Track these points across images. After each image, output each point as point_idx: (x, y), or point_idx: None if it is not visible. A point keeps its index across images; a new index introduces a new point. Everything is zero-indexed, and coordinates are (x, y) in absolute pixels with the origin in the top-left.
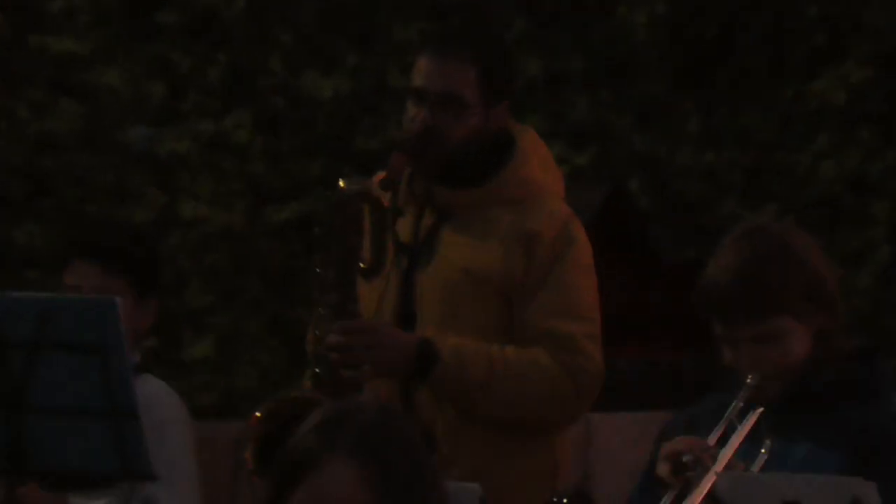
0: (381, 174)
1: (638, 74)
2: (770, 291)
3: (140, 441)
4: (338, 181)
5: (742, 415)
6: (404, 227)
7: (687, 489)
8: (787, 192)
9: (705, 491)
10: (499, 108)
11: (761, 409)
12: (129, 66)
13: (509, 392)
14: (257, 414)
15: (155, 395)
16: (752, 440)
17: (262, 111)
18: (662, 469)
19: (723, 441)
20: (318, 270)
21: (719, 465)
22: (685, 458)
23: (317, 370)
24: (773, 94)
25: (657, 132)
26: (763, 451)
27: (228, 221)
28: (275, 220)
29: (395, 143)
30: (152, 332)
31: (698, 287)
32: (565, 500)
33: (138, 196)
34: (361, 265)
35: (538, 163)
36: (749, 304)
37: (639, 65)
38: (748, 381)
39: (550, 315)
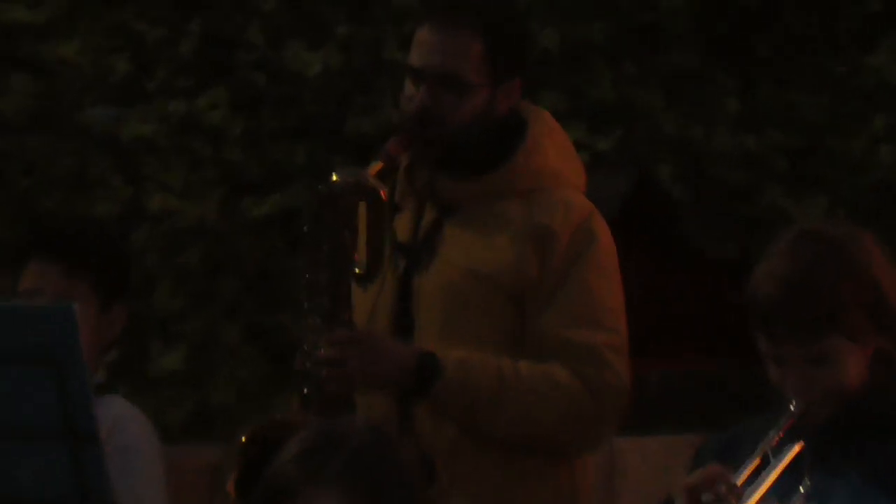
0: (376, 164)
1: (669, 44)
2: (823, 307)
3: (100, 467)
4: (329, 171)
5: (781, 446)
6: (402, 224)
7: None
8: (838, 180)
9: None
10: (509, 87)
11: (801, 445)
12: (89, 38)
13: (521, 411)
14: (242, 438)
15: (120, 417)
16: (792, 472)
17: (240, 89)
18: None
19: (756, 474)
20: (306, 274)
21: None
22: (704, 498)
23: (304, 389)
24: (824, 68)
25: (690, 111)
26: (801, 489)
27: (201, 215)
28: (254, 213)
29: (393, 126)
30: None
31: (746, 296)
32: None
33: (99, 186)
34: (356, 269)
35: (553, 149)
36: (798, 320)
37: (670, 33)
38: (791, 408)
39: (568, 323)
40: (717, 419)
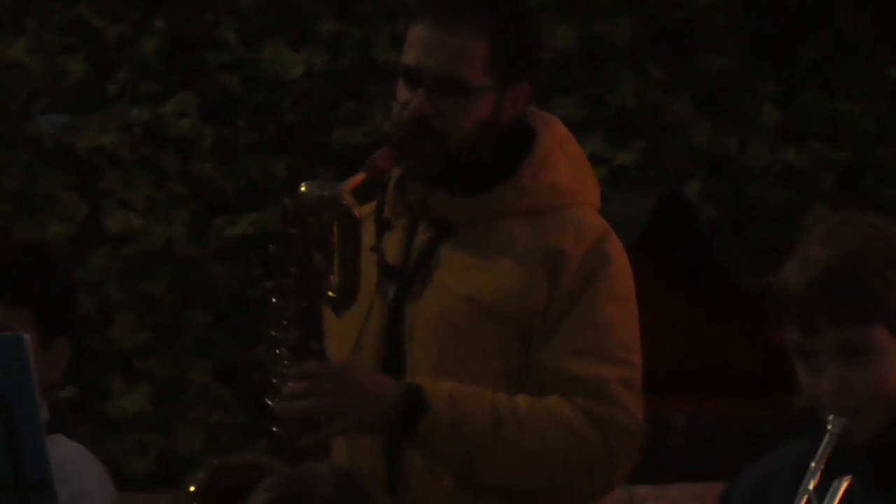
0: (358, 176)
1: (700, 46)
2: (867, 291)
3: None
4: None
5: (825, 485)
6: (392, 244)
7: None
8: (891, 197)
9: None
10: (516, 92)
11: (849, 480)
12: (41, 36)
13: (521, 453)
14: (191, 487)
15: (69, 460)
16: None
17: (211, 94)
18: None
19: None
20: (273, 300)
21: None
22: None
23: (273, 428)
24: (876, 73)
25: (724, 121)
26: None
27: (168, 237)
28: (227, 235)
29: (385, 136)
30: (70, 380)
31: (772, 285)
32: None
33: (51, 203)
34: (329, 293)
35: (565, 162)
36: (834, 303)
37: (702, 34)
38: (829, 427)
39: (574, 354)
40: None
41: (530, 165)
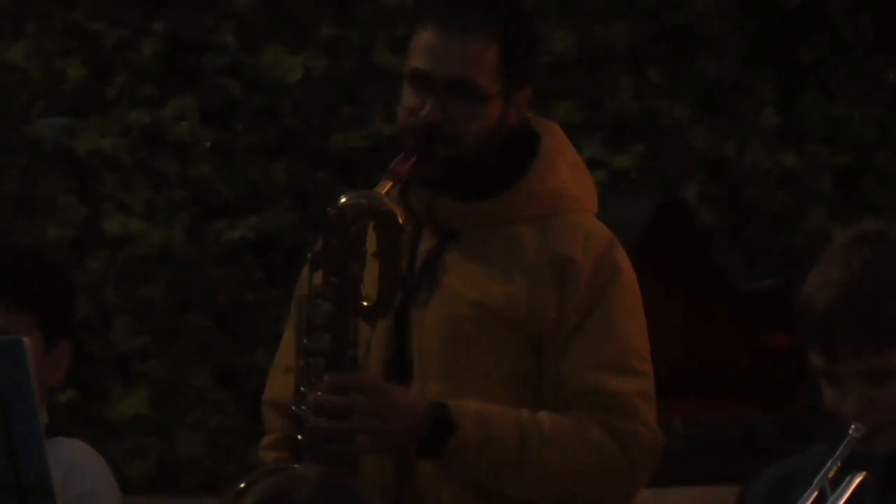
0: (385, 184)
1: (699, 49)
2: (886, 316)
3: None
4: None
5: (840, 478)
6: None
7: None
8: (890, 202)
9: None
10: (520, 97)
11: (864, 474)
12: (40, 40)
13: (546, 471)
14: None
15: (74, 461)
16: None
17: (210, 98)
18: None
19: None
20: (308, 308)
21: None
22: None
23: (298, 437)
24: (875, 76)
25: (723, 125)
26: None
27: (167, 240)
28: (226, 238)
29: (390, 141)
30: (70, 383)
31: (796, 307)
32: None
33: (50, 206)
34: (364, 303)
35: (567, 168)
36: (858, 331)
37: (700, 37)
38: (850, 432)
39: (595, 368)
40: (747, 472)
41: (536, 170)
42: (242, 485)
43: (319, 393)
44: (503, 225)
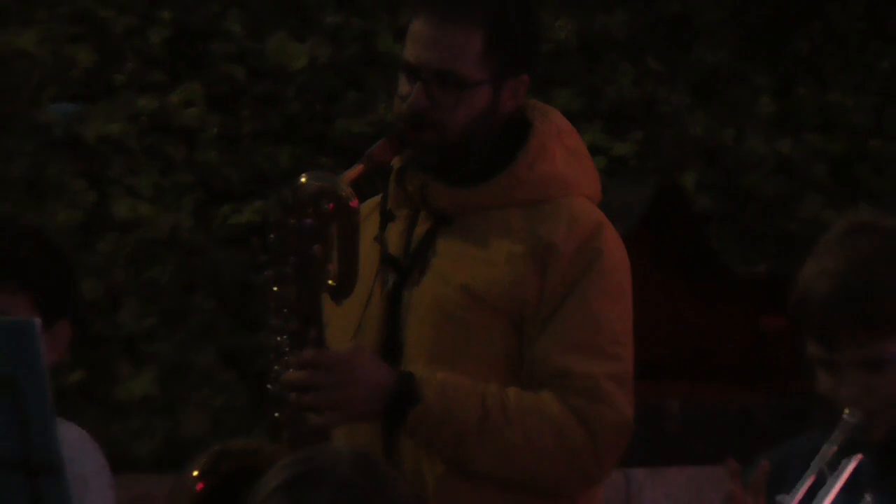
0: (356, 168)
1: (697, 38)
2: (883, 306)
3: (64, 502)
4: (300, 175)
5: (837, 461)
6: (394, 234)
7: None
8: (884, 189)
9: None
10: (514, 84)
11: (860, 456)
12: (49, 27)
13: (507, 446)
14: (193, 472)
15: (69, 445)
16: (850, 492)
17: (216, 84)
18: None
19: (810, 496)
20: (273, 289)
21: None
22: None
23: (276, 414)
24: (869, 65)
25: (720, 112)
26: None
27: (174, 224)
28: (232, 222)
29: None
30: (78, 364)
31: (792, 297)
32: None
33: (59, 191)
34: (329, 282)
35: (562, 153)
36: (854, 320)
37: (698, 26)
38: (845, 416)
39: (565, 350)
40: (743, 454)
41: (526, 156)
42: (195, 472)
43: (291, 372)
44: (494, 210)
